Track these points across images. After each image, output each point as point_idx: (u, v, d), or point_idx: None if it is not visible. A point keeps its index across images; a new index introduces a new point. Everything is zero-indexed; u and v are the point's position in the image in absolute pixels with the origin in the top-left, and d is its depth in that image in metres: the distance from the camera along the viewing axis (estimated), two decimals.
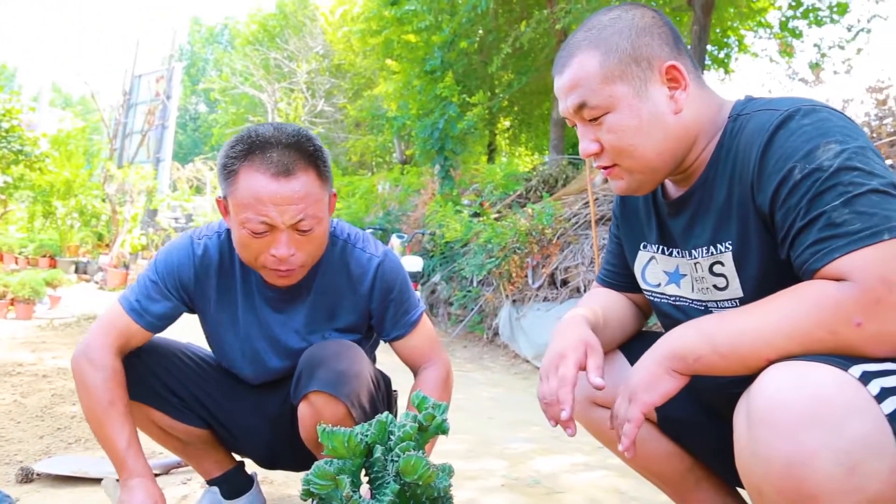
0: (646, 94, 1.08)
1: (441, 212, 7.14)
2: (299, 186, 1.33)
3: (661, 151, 1.10)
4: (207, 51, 35.67)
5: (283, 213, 1.32)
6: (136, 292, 1.51)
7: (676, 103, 1.09)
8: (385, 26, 9.55)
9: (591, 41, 1.10)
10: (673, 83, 1.09)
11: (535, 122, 12.39)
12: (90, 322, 5.69)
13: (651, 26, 1.10)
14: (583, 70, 1.10)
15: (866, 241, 0.86)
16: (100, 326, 1.50)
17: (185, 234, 1.58)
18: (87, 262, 11.33)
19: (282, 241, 1.35)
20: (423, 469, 1.10)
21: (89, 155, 13.37)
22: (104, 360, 1.45)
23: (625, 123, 1.09)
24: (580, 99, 1.10)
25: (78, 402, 2.93)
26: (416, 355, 1.60)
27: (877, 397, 0.81)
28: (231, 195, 1.37)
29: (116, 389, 1.44)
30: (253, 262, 1.42)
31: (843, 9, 8.97)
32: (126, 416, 1.44)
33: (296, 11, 18.96)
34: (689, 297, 1.19)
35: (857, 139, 0.94)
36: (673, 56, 1.10)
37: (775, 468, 0.82)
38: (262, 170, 1.32)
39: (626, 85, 1.08)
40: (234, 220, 1.38)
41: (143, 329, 1.50)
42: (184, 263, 1.53)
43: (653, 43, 1.09)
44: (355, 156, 17.37)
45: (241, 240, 1.38)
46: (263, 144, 1.34)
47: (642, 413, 1.03)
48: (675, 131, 1.10)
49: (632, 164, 1.12)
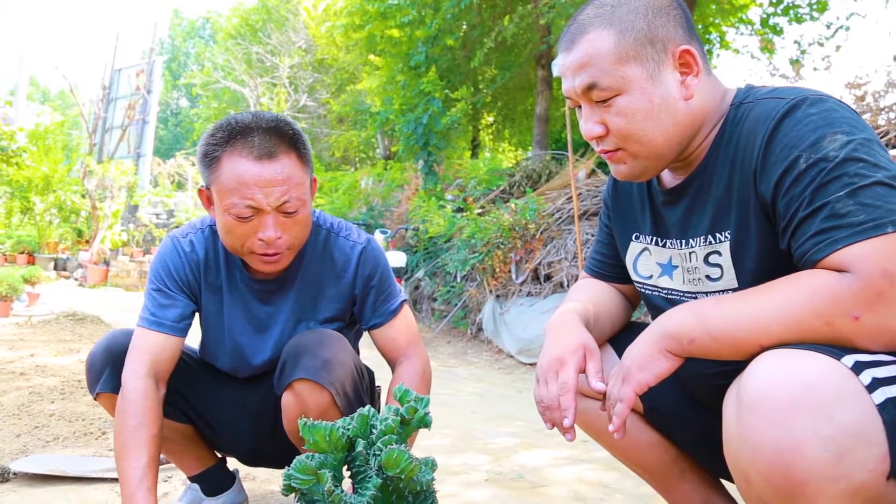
0: (659, 78, 1.05)
1: (424, 207, 7.13)
2: (282, 168, 1.35)
3: (670, 138, 1.08)
4: (189, 44, 35.26)
5: (269, 195, 1.34)
6: (146, 309, 1.50)
7: (688, 89, 1.06)
8: (368, 21, 9.50)
9: (605, 18, 1.06)
10: (685, 68, 1.06)
11: (518, 117, 12.41)
12: (69, 320, 5.62)
13: (667, 7, 1.07)
14: (595, 48, 1.05)
15: (870, 233, 0.85)
16: (128, 357, 1.46)
17: (167, 238, 1.59)
18: (66, 259, 11.19)
19: (268, 224, 1.36)
20: (406, 463, 1.09)
21: (68, 150, 13.19)
22: (134, 382, 1.40)
23: (636, 107, 1.05)
24: (591, 79, 1.06)
25: (56, 400, 2.90)
26: (393, 346, 1.59)
27: (868, 387, 0.81)
28: (214, 182, 1.37)
29: (146, 414, 1.38)
30: (240, 248, 1.41)
31: (822, 6, 9.09)
32: (150, 442, 1.37)
33: (278, 5, 18.80)
34: (681, 289, 1.18)
35: (864, 131, 0.93)
36: (686, 40, 1.07)
37: (764, 454, 0.82)
38: (245, 154, 1.33)
39: (640, 67, 1.04)
40: (219, 207, 1.38)
41: (168, 336, 1.47)
42: (176, 262, 1.53)
43: (668, 24, 1.06)
44: (338, 151, 17.26)
45: (227, 226, 1.38)
46: (244, 130, 1.35)
47: (635, 393, 1.02)
48: (684, 118, 1.07)
49: (638, 150, 1.09)
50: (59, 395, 2.98)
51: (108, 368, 1.50)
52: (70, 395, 3.00)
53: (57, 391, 3.06)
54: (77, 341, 4.65)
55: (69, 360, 3.87)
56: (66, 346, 4.35)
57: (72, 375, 3.42)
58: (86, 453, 2.25)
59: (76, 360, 3.87)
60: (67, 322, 5.54)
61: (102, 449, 2.30)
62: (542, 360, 1.18)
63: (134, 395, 1.39)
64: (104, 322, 5.76)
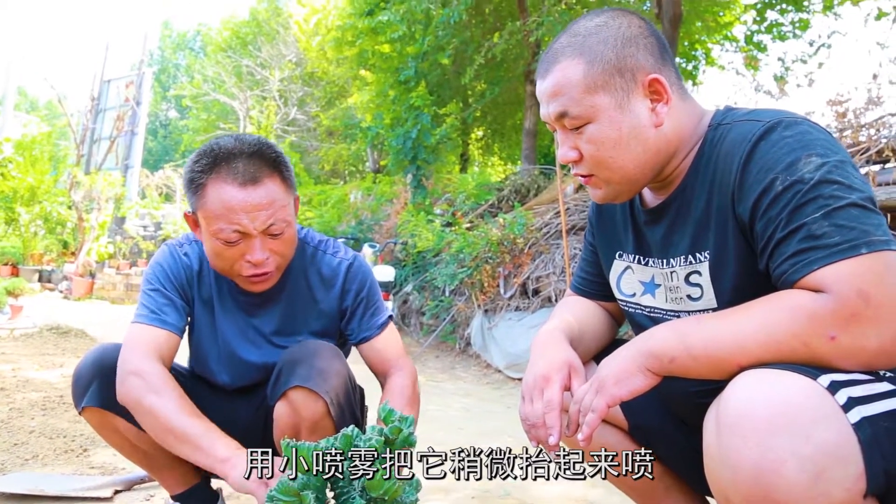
0: (628, 107, 1.07)
1: (413, 221, 7.13)
2: (267, 192, 1.39)
3: (640, 164, 1.10)
4: (179, 56, 35.23)
5: (255, 219, 1.38)
6: (143, 307, 1.50)
7: (657, 116, 1.08)
8: (359, 36, 9.54)
9: (577, 48, 1.09)
10: (655, 96, 1.09)
11: (507, 132, 12.48)
12: (53, 333, 5.55)
13: (637, 36, 1.09)
14: (565, 78, 1.08)
15: (845, 253, 0.86)
16: (127, 349, 1.44)
17: (164, 247, 1.61)
18: (51, 271, 11.08)
19: (255, 247, 1.40)
20: (390, 484, 1.09)
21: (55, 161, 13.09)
22: (148, 365, 1.39)
23: (605, 135, 1.08)
24: (562, 107, 1.09)
25: (37, 416, 2.85)
26: (383, 359, 1.61)
27: (843, 406, 0.82)
28: (200, 208, 1.41)
29: (177, 387, 1.38)
30: (229, 270, 1.45)
31: (804, 24, 9.25)
32: (194, 406, 1.37)
33: (269, 19, 18.85)
34: (664, 307, 1.19)
35: (838, 153, 0.95)
36: (657, 68, 1.09)
37: (743, 475, 0.83)
38: (230, 180, 1.37)
39: (608, 96, 1.07)
40: (206, 232, 1.42)
41: (169, 334, 1.47)
42: (173, 266, 1.56)
43: (638, 54, 1.08)
44: (328, 164, 17.28)
45: (215, 250, 1.42)
46: (227, 156, 1.39)
47: (607, 405, 1.03)
48: (656, 144, 1.09)
49: (610, 176, 1.12)
50: (40, 412, 2.94)
51: (97, 382, 1.49)
52: (52, 411, 2.96)
53: (38, 407, 3.02)
54: (61, 355, 4.60)
55: (52, 375, 3.83)
56: (49, 361, 4.30)
57: (54, 391, 3.38)
58: (66, 472, 2.21)
59: (59, 375, 3.82)
60: (51, 335, 5.49)
61: (83, 467, 2.27)
62: (527, 377, 1.19)
63: (157, 373, 1.38)
64: (89, 336, 5.71)
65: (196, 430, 1.31)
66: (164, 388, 1.36)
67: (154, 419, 1.35)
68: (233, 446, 1.29)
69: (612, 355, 1.07)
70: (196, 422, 1.33)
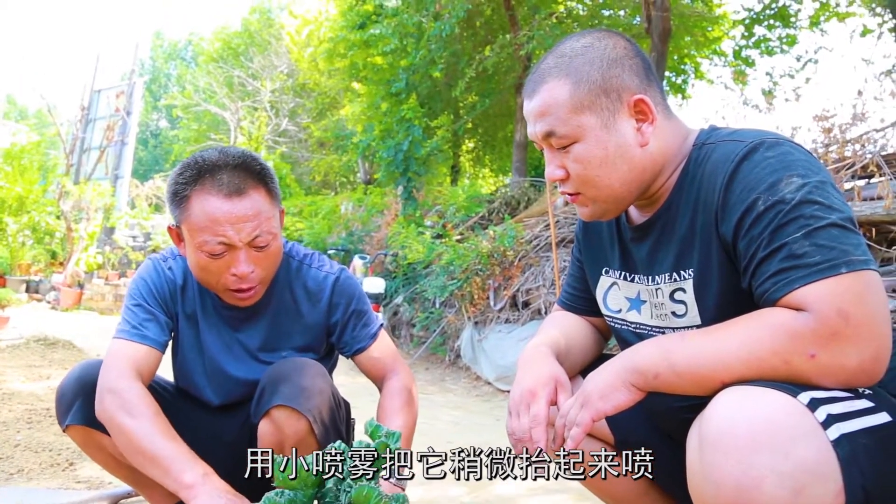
0: (614, 126, 1.09)
1: (404, 233, 7.13)
2: (252, 204, 1.38)
3: (626, 182, 1.12)
4: (170, 66, 35.17)
5: (240, 231, 1.37)
6: (125, 322, 1.49)
7: (643, 136, 1.10)
8: (351, 48, 9.58)
9: (563, 68, 1.11)
10: (641, 116, 1.11)
11: (498, 144, 12.52)
12: (40, 344, 5.50)
13: (623, 57, 1.11)
14: (552, 98, 1.11)
15: (825, 273, 0.88)
16: (106, 366, 1.43)
17: (147, 261, 1.60)
18: (39, 281, 10.97)
19: (241, 259, 1.39)
20: (376, 499, 1.09)
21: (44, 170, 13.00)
22: (126, 382, 1.38)
23: (591, 154, 1.10)
24: (549, 127, 1.11)
25: (22, 430, 2.83)
26: (379, 367, 1.62)
27: (823, 423, 0.84)
28: (185, 221, 1.40)
29: (153, 405, 1.36)
30: (214, 284, 1.44)
31: (792, 40, 9.38)
32: (171, 427, 1.36)
33: (261, 30, 18.89)
34: (649, 323, 1.21)
35: (819, 173, 0.97)
36: (643, 88, 1.11)
37: (725, 491, 0.84)
38: (215, 192, 1.36)
39: (594, 116, 1.09)
40: (190, 244, 1.41)
41: (150, 349, 1.46)
42: (157, 281, 1.55)
43: (623, 75, 1.10)
44: (319, 175, 17.26)
45: (200, 263, 1.41)
46: (212, 168, 1.39)
47: (592, 419, 1.04)
48: (641, 163, 1.11)
49: (596, 194, 1.14)
50: (25, 425, 2.92)
51: (80, 400, 1.47)
52: (38, 425, 2.94)
53: (24, 420, 2.99)
54: (48, 367, 4.56)
55: (38, 387, 3.79)
56: (35, 373, 4.26)
57: (40, 403, 3.35)
58: (52, 486, 2.19)
59: (46, 387, 3.79)
60: (38, 347, 5.43)
61: (69, 482, 2.25)
62: (513, 392, 1.20)
63: (134, 391, 1.36)
64: (76, 347, 5.65)
65: (166, 452, 1.29)
66: (139, 408, 1.34)
67: (126, 439, 1.33)
68: (199, 472, 1.27)
69: (598, 370, 1.08)
70: (167, 444, 1.31)
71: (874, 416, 0.88)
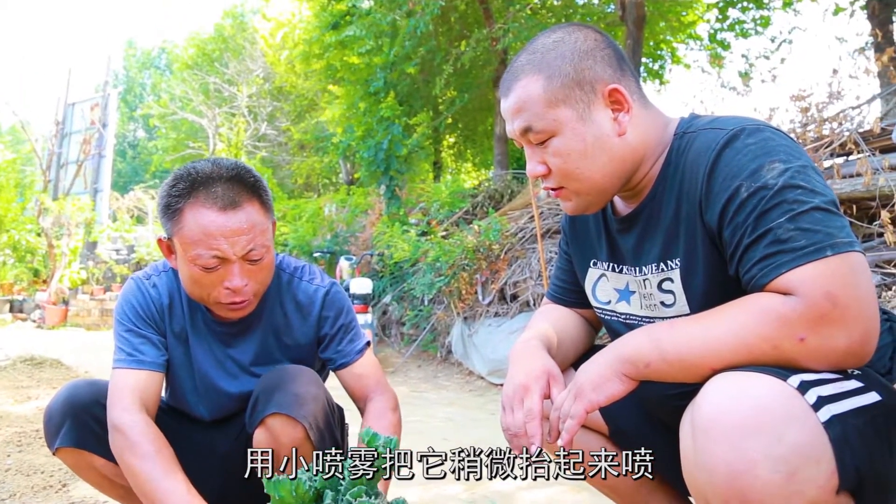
0: (589, 118, 1.09)
1: (389, 232, 7.11)
2: (246, 217, 1.36)
3: (607, 173, 1.12)
4: (144, 75, 34.77)
5: (234, 244, 1.35)
6: (120, 351, 1.47)
7: (620, 125, 1.10)
8: (327, 49, 9.53)
9: (535, 64, 1.11)
10: (616, 105, 1.11)
11: (479, 138, 12.54)
12: (27, 364, 5.43)
13: (594, 49, 1.11)
14: (527, 94, 1.11)
15: (811, 256, 0.88)
16: (111, 400, 1.42)
17: (130, 280, 1.58)
18: (22, 300, 10.85)
19: (234, 273, 1.37)
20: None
21: (22, 187, 12.85)
22: (130, 417, 1.36)
23: (570, 147, 1.10)
24: (525, 123, 1.11)
25: (12, 453, 2.79)
26: (364, 384, 1.59)
27: (813, 406, 0.84)
28: (177, 234, 1.37)
29: (158, 439, 1.36)
30: (206, 298, 1.42)
31: (765, 21, 9.45)
32: (176, 462, 1.35)
33: (235, 35, 18.71)
34: (639, 314, 1.21)
35: (800, 158, 0.97)
36: (616, 78, 1.11)
37: (718, 477, 0.85)
38: (209, 205, 1.34)
39: (569, 109, 1.09)
40: (183, 258, 1.38)
41: (151, 373, 1.45)
42: (142, 301, 1.52)
43: (595, 66, 1.10)
44: (301, 178, 17.18)
45: (193, 277, 1.39)
46: (206, 180, 1.36)
47: (586, 411, 1.04)
48: (621, 153, 1.11)
49: (579, 187, 1.14)
50: (15, 448, 2.88)
51: (69, 421, 1.45)
52: (28, 447, 2.90)
53: (13, 443, 2.95)
54: (36, 387, 4.50)
55: (27, 409, 3.74)
56: (23, 394, 4.21)
57: (29, 425, 3.30)
58: None
59: (34, 408, 3.74)
60: (25, 367, 5.36)
61: (63, 503, 2.23)
62: (506, 387, 1.19)
63: (138, 427, 1.35)
64: (65, 365, 5.59)
65: (170, 497, 1.29)
66: (142, 446, 1.33)
67: (133, 480, 1.34)
68: None
69: (590, 361, 1.08)
70: (170, 485, 1.30)
71: (864, 395, 0.88)
